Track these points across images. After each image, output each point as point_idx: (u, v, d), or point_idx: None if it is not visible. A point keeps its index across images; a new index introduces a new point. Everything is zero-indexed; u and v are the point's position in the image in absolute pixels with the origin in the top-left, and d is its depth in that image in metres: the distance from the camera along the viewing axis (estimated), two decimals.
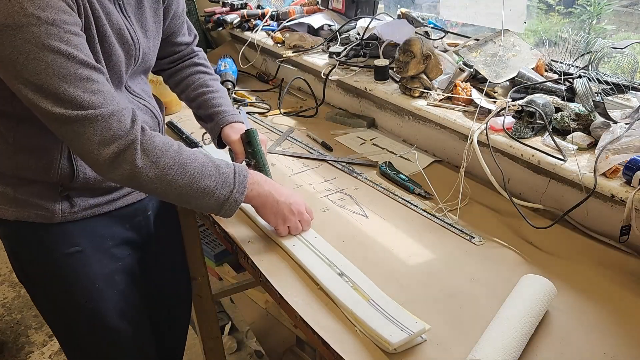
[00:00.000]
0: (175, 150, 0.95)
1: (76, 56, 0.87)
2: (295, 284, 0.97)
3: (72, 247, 1.10)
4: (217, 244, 2.31)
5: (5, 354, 2.19)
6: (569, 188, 1.11)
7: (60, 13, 0.85)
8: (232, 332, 2.19)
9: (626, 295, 0.92)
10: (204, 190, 0.96)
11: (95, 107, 0.88)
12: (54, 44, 0.84)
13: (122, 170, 0.91)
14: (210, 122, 1.26)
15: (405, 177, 1.29)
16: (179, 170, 0.94)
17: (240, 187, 0.99)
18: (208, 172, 0.97)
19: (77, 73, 0.87)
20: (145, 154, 0.92)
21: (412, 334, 0.81)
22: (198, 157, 0.97)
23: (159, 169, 0.92)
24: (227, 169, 0.99)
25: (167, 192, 0.96)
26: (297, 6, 2.03)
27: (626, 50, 1.22)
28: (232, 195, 0.98)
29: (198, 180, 0.95)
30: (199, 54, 1.36)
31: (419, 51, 1.35)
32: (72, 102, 0.86)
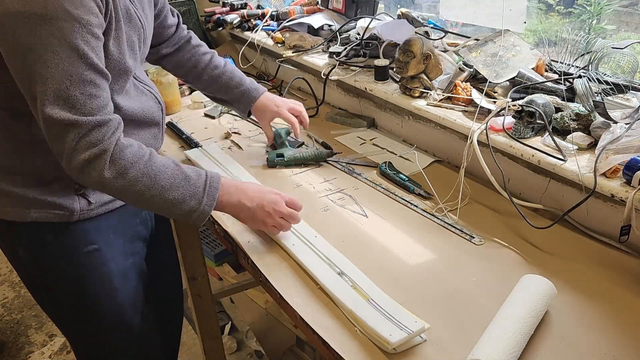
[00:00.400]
0: (145, 162, 0.96)
1: (89, 58, 0.89)
2: (295, 284, 0.97)
3: (90, 246, 1.11)
4: (217, 244, 2.31)
5: (5, 354, 2.19)
6: (569, 188, 1.11)
7: (89, 14, 0.88)
8: (232, 332, 2.19)
9: (626, 295, 0.92)
10: (171, 202, 0.97)
11: (84, 114, 0.90)
12: (75, 42, 0.87)
13: (91, 178, 0.93)
14: (237, 103, 1.36)
15: (405, 177, 1.29)
16: (147, 182, 0.95)
17: (209, 200, 0.99)
18: (177, 184, 0.97)
19: (83, 74, 0.89)
20: (114, 165, 0.93)
21: (412, 333, 0.81)
22: (168, 169, 0.98)
23: (127, 181, 0.94)
24: (198, 181, 0.99)
25: (135, 201, 0.98)
26: (297, 6, 2.03)
27: (626, 50, 1.22)
28: (199, 207, 0.99)
29: (166, 193, 0.96)
30: (191, 34, 1.39)
31: (419, 51, 1.34)
32: (68, 101, 0.88)
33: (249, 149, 1.50)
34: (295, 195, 1.23)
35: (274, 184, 1.28)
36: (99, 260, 1.12)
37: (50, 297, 1.18)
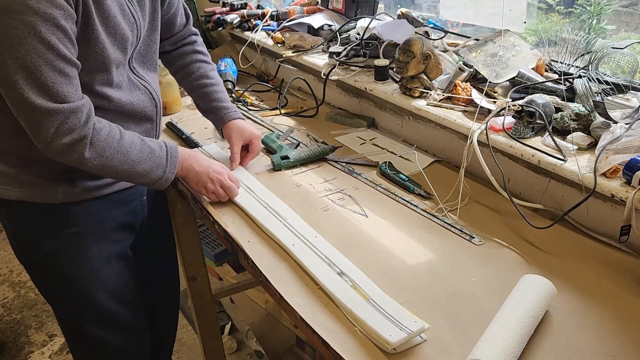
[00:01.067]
0: (117, 140, 1.06)
1: (57, 49, 0.93)
2: (295, 284, 0.97)
3: (73, 228, 1.16)
4: (217, 244, 2.31)
5: (5, 354, 2.19)
6: (569, 188, 1.11)
7: (52, 7, 0.91)
8: (232, 332, 2.19)
9: (626, 295, 0.92)
10: (141, 173, 1.09)
11: (62, 101, 0.96)
12: (40, 35, 0.91)
13: (70, 158, 1.01)
14: (212, 116, 1.37)
15: (405, 177, 1.29)
16: (121, 158, 1.06)
17: (171, 168, 1.13)
18: (145, 157, 1.09)
19: (53, 64, 0.94)
20: (93, 147, 1.02)
21: (411, 333, 0.81)
22: (136, 145, 1.09)
23: (104, 159, 1.04)
24: (161, 153, 1.12)
25: (108, 174, 1.09)
26: (297, 6, 2.03)
27: (626, 50, 1.22)
28: (164, 175, 1.13)
29: (137, 166, 1.08)
30: (197, 40, 1.41)
31: (419, 51, 1.34)
32: (44, 89, 0.94)
33: None
34: (295, 195, 1.24)
35: (274, 184, 1.29)
36: (79, 242, 1.18)
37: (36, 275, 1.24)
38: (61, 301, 1.26)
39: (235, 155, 1.31)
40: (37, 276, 1.24)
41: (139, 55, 1.19)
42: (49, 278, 1.22)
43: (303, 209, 1.18)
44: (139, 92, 1.18)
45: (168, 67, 1.43)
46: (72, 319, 1.28)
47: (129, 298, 1.29)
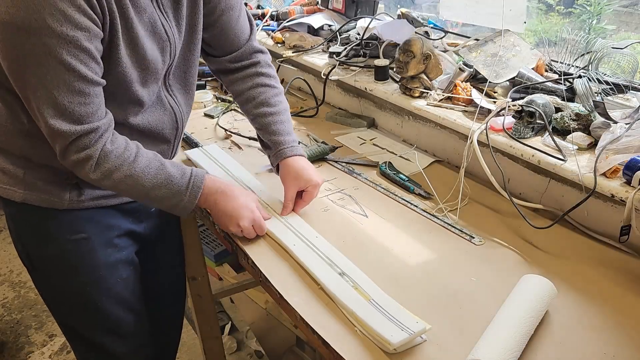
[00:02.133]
0: (129, 164, 1.00)
1: (77, 70, 0.90)
2: (295, 284, 0.97)
3: (78, 234, 1.13)
4: (217, 244, 2.31)
5: (5, 354, 2.19)
6: (569, 188, 1.11)
7: (76, 29, 0.87)
8: (232, 332, 2.19)
9: (626, 295, 0.92)
10: (154, 198, 1.04)
11: (74, 122, 0.93)
12: (60, 57, 0.88)
13: (82, 175, 1.00)
14: (269, 150, 1.21)
15: (405, 177, 1.29)
16: (131, 183, 1.01)
17: (190, 198, 1.06)
18: (160, 184, 1.03)
19: (72, 85, 0.91)
20: (99, 168, 0.98)
21: (413, 333, 0.81)
22: (151, 170, 1.02)
23: (111, 181, 1.00)
24: (182, 180, 1.05)
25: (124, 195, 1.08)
26: (297, 6, 2.03)
27: (626, 50, 1.22)
28: (180, 204, 1.06)
29: (149, 192, 1.03)
30: (261, 60, 1.26)
31: (419, 51, 1.35)
32: (58, 110, 0.92)
33: (249, 149, 1.50)
34: None
35: (274, 184, 1.28)
36: (85, 248, 1.14)
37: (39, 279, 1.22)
38: (64, 306, 1.23)
39: (289, 202, 1.15)
40: (40, 279, 1.22)
41: (178, 71, 1.13)
42: (52, 282, 1.19)
43: (303, 209, 1.17)
44: (163, 113, 1.13)
45: (229, 89, 1.30)
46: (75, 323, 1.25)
47: (134, 305, 1.27)
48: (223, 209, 1.08)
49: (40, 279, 1.22)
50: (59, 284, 1.18)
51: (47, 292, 1.23)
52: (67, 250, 1.13)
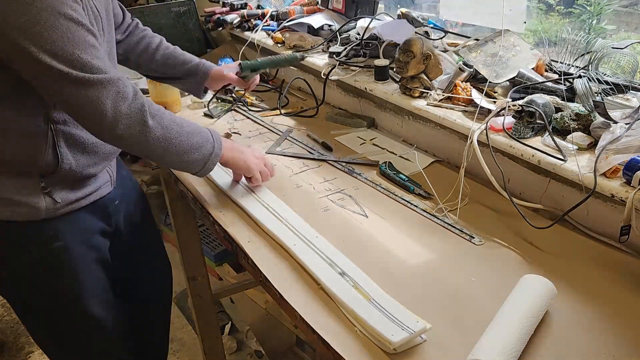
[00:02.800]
0: (169, 112, 1.08)
1: (84, 24, 0.95)
2: (295, 284, 0.97)
3: (56, 242, 1.14)
4: (217, 244, 2.31)
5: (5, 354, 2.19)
6: (569, 188, 1.11)
7: None
8: (232, 332, 2.19)
9: (626, 295, 0.92)
10: (194, 145, 1.08)
11: (103, 72, 0.96)
12: (66, 11, 0.92)
13: (133, 130, 1.00)
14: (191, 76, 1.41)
15: (405, 177, 1.29)
16: (177, 129, 1.06)
17: (218, 144, 1.13)
18: (195, 130, 1.10)
19: (87, 40, 0.95)
20: (152, 115, 1.02)
21: (413, 333, 0.81)
22: (184, 119, 1.10)
23: (164, 129, 1.03)
24: (205, 130, 1.13)
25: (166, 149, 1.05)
26: (297, 6, 2.03)
27: (626, 50, 1.22)
28: (213, 151, 1.12)
29: (191, 137, 1.08)
30: (138, 22, 1.44)
31: (419, 51, 1.35)
32: (85, 66, 0.94)
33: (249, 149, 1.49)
34: (296, 196, 1.24)
35: (274, 184, 1.28)
36: (64, 256, 1.16)
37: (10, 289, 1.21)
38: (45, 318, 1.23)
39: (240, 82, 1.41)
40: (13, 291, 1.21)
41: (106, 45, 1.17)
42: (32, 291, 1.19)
43: (303, 209, 1.18)
44: None
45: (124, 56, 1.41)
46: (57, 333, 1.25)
47: (113, 304, 1.29)
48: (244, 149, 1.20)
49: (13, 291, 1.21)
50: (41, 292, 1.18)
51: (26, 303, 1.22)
52: (48, 259, 1.14)
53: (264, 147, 1.50)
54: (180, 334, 2.23)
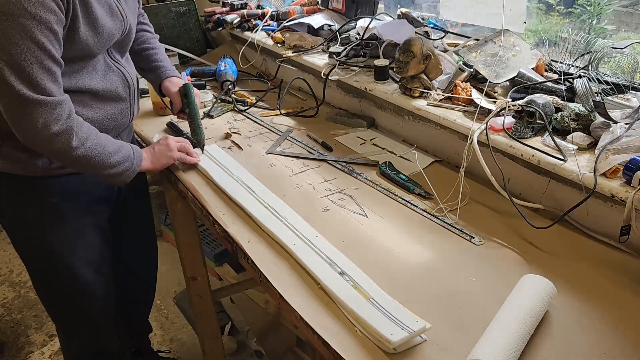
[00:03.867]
0: (95, 134, 1.18)
1: (48, 50, 1.05)
2: (295, 284, 0.97)
3: (51, 199, 1.26)
4: (217, 244, 2.31)
5: (5, 354, 2.19)
6: (569, 188, 1.11)
7: (47, 12, 1.02)
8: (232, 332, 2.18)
9: (626, 296, 0.92)
10: (113, 163, 1.20)
11: (48, 94, 1.06)
12: (35, 36, 1.02)
13: (57, 146, 1.11)
14: (152, 75, 1.50)
15: (405, 177, 1.29)
16: (100, 150, 1.17)
17: (137, 160, 1.26)
18: (117, 150, 1.21)
19: (44, 63, 1.05)
20: (78, 136, 1.13)
21: (413, 332, 0.81)
22: (109, 140, 1.21)
23: (86, 149, 1.14)
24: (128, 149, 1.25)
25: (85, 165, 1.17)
26: (297, 6, 2.03)
27: (626, 50, 1.22)
28: (132, 167, 1.24)
29: (112, 156, 1.19)
30: (144, 14, 1.52)
31: (419, 51, 1.34)
32: (33, 84, 1.04)
33: (249, 149, 1.50)
34: (296, 196, 1.24)
35: (273, 184, 1.29)
36: (57, 213, 1.28)
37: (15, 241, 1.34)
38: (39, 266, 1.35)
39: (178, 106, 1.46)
40: (16, 240, 1.34)
41: (117, 43, 1.27)
42: (28, 243, 1.32)
43: (303, 209, 1.18)
44: (113, 75, 1.26)
45: None
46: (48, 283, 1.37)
47: (104, 268, 1.39)
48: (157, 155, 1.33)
49: (18, 241, 1.34)
50: (35, 245, 1.30)
51: (25, 254, 1.35)
52: (41, 213, 1.27)
53: (264, 147, 1.50)
54: (180, 334, 2.23)
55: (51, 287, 1.38)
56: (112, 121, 1.28)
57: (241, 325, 2.21)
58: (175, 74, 1.50)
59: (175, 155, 1.34)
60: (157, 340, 2.17)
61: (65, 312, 1.43)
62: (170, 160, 1.35)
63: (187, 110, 1.43)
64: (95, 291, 1.40)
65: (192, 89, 1.44)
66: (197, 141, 1.43)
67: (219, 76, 1.91)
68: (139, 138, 1.60)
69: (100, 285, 1.40)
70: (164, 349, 2.08)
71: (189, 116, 1.43)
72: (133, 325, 1.72)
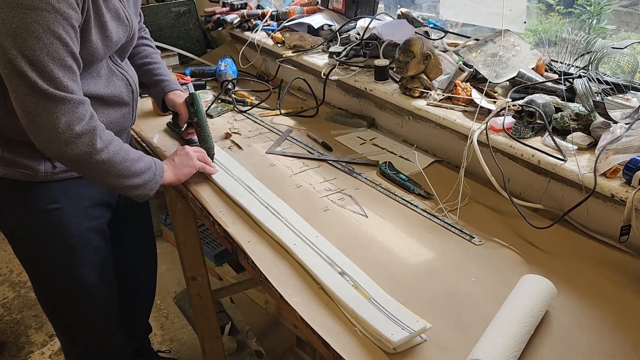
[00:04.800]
0: (117, 139, 1.15)
1: (70, 47, 1.02)
2: (295, 284, 0.97)
3: (52, 204, 1.23)
4: (217, 244, 2.31)
5: (5, 354, 2.19)
6: (569, 188, 1.11)
7: (69, 8, 1.00)
8: (232, 332, 2.18)
9: (626, 295, 0.92)
10: (136, 171, 1.16)
11: (69, 92, 1.03)
12: (57, 30, 0.98)
13: (79, 149, 1.06)
14: (154, 89, 1.47)
15: (405, 177, 1.29)
16: (124, 155, 1.13)
17: (160, 171, 1.22)
18: (139, 158, 1.17)
19: (65, 60, 1.01)
20: (102, 138, 1.09)
21: (413, 332, 0.81)
22: (130, 147, 1.18)
23: (110, 153, 1.11)
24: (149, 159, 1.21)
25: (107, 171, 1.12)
26: (297, 6, 2.03)
27: (626, 50, 1.22)
28: (155, 178, 1.20)
29: (135, 164, 1.15)
30: (145, 29, 1.52)
31: (419, 51, 1.34)
32: (55, 81, 1.00)
33: (249, 149, 1.50)
34: (296, 196, 1.24)
35: (273, 183, 1.29)
36: (58, 218, 1.24)
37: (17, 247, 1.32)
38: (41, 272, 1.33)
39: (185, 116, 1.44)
40: (18, 247, 1.31)
41: (120, 47, 1.26)
42: (30, 250, 1.29)
43: (303, 209, 1.18)
44: (117, 79, 1.24)
45: None
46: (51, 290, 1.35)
47: (106, 272, 1.38)
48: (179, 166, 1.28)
49: (18, 247, 1.31)
50: (36, 251, 1.28)
51: (26, 260, 1.33)
52: (42, 219, 1.24)
53: (264, 147, 1.50)
54: (180, 334, 2.23)
55: (53, 293, 1.36)
56: (115, 126, 1.24)
57: (241, 325, 2.21)
58: (179, 87, 1.48)
59: (197, 164, 1.30)
60: (157, 340, 2.17)
61: (68, 318, 1.41)
62: (193, 170, 1.29)
63: (194, 119, 1.41)
64: (98, 296, 1.38)
65: (199, 97, 1.42)
66: (206, 149, 1.38)
67: (219, 76, 1.91)
68: (139, 138, 1.60)
69: (103, 289, 1.38)
70: (164, 349, 2.08)
71: (197, 125, 1.40)
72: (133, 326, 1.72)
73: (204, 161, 1.32)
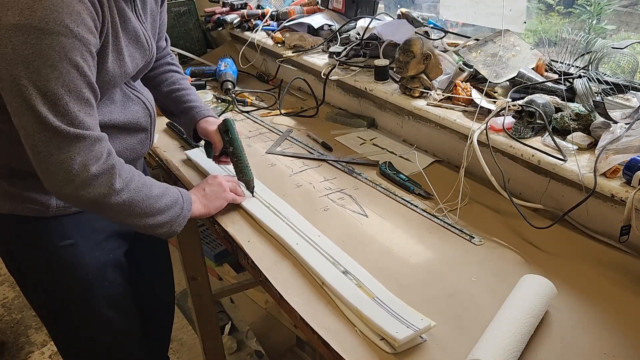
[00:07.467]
0: (138, 174, 1.03)
1: (88, 77, 0.91)
2: (295, 283, 0.97)
3: (66, 240, 1.13)
4: (217, 244, 2.31)
5: (5, 354, 2.19)
6: (569, 188, 1.11)
7: (88, 33, 0.89)
8: (232, 332, 2.19)
9: (626, 295, 0.92)
10: (161, 208, 1.04)
11: (85, 129, 0.91)
12: (75, 58, 0.87)
13: (97, 191, 0.95)
14: (184, 117, 1.32)
15: (405, 177, 1.29)
16: (147, 192, 1.02)
17: (187, 205, 1.10)
18: (164, 192, 1.06)
19: (82, 92, 0.90)
20: (121, 177, 0.98)
21: (418, 330, 0.81)
22: (154, 181, 1.07)
23: (131, 192, 0.99)
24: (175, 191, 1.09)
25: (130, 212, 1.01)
26: (297, 6, 2.03)
27: (626, 50, 1.22)
28: (182, 212, 1.08)
29: (159, 200, 1.04)
30: (172, 54, 1.42)
31: (419, 51, 1.35)
32: (69, 116, 0.89)
33: (249, 149, 1.50)
34: (296, 195, 1.24)
35: (273, 183, 1.29)
36: (74, 254, 1.14)
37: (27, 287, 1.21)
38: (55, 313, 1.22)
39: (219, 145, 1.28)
40: (28, 287, 1.21)
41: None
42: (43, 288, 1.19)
43: (303, 209, 1.18)
44: (132, 104, 1.15)
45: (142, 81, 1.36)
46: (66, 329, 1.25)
47: (125, 306, 1.28)
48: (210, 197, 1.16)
49: (28, 287, 1.21)
50: (48, 291, 1.17)
51: (37, 300, 1.22)
52: (55, 256, 1.13)
53: (264, 147, 1.50)
54: (180, 334, 2.23)
55: (70, 333, 1.24)
56: (131, 153, 1.14)
57: (241, 325, 2.21)
58: (211, 113, 1.32)
59: (229, 196, 1.18)
60: None
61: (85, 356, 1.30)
62: (224, 202, 1.18)
63: (230, 149, 1.24)
64: (119, 331, 1.27)
65: (234, 123, 1.24)
66: (245, 182, 1.24)
67: (219, 76, 1.91)
68: None
69: (123, 323, 1.27)
70: None
71: (234, 155, 1.24)
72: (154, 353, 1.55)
73: (235, 192, 1.20)
